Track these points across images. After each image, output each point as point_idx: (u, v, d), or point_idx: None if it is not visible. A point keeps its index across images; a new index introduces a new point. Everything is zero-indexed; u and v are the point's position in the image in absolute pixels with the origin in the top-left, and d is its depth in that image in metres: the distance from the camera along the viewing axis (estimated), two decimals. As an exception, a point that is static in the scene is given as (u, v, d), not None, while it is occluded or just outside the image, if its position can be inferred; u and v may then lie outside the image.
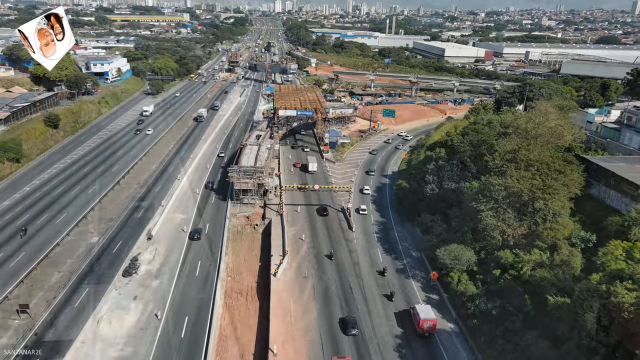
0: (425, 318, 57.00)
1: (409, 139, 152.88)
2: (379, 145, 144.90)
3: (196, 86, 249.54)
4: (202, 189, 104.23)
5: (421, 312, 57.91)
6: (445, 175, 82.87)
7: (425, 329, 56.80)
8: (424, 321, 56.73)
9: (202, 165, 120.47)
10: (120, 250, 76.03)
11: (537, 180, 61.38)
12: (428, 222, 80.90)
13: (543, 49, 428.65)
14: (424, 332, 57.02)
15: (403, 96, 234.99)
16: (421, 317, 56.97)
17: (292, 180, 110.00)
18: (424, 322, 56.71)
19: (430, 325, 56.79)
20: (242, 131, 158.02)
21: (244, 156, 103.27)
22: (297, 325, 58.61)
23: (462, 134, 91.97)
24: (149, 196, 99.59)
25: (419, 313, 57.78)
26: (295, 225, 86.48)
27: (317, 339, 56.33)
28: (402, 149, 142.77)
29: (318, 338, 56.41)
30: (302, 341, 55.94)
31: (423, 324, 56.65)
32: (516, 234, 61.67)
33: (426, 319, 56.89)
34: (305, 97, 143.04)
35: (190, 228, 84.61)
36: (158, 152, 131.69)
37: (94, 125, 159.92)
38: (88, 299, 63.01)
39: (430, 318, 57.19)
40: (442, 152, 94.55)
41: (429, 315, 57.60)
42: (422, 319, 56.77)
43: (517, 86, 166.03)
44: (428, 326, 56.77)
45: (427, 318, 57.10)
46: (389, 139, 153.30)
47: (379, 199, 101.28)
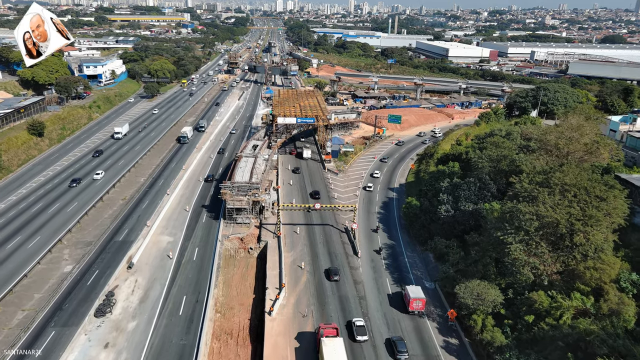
0: (415, 297, 60.94)
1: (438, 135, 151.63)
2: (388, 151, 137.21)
3: (182, 97, 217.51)
4: (193, 206, 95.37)
5: (411, 292, 61.96)
6: (461, 195, 73.91)
7: (414, 308, 61.16)
8: (413, 300, 60.84)
9: (194, 177, 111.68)
10: (95, 283, 67.24)
11: (575, 209, 52.42)
12: (442, 248, 72.00)
13: (548, 49, 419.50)
14: (413, 311, 61.41)
15: (407, 99, 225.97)
16: (411, 297, 61.03)
17: (291, 195, 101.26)
18: (414, 300, 60.84)
19: (418, 304, 60.99)
20: (239, 138, 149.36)
21: (238, 170, 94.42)
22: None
23: (479, 148, 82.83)
24: (134, 214, 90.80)
25: (409, 293, 61.93)
26: (294, 250, 77.67)
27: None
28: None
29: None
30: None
31: (412, 302, 60.88)
32: (551, 272, 52.74)
33: (416, 298, 60.87)
34: (305, 103, 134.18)
35: (177, 253, 75.89)
36: (147, 163, 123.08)
37: (83, 132, 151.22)
38: (52, 347, 54.25)
39: (420, 297, 61.13)
40: (456, 166, 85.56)
41: (419, 295, 61.45)
42: (412, 298, 60.87)
43: (530, 90, 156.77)
44: (417, 305, 61.03)
45: (417, 297, 61.00)
46: (401, 141, 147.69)
47: (386, 216, 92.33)
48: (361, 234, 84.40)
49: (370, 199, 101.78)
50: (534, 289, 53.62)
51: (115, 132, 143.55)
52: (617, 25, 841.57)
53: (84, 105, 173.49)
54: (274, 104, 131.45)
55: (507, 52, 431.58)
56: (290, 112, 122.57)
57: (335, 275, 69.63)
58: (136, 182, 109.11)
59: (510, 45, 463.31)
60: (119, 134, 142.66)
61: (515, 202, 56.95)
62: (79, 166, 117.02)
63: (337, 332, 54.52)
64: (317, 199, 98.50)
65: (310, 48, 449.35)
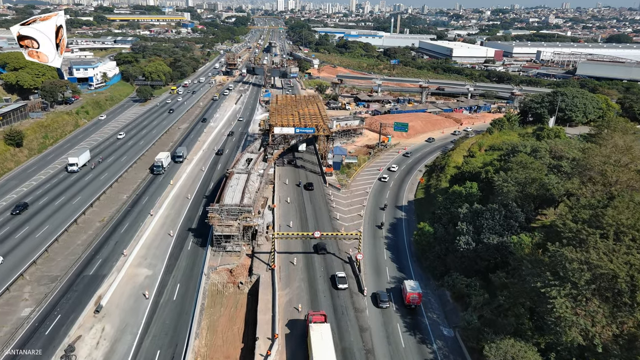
0: (412, 291, 62.89)
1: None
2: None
3: (158, 114, 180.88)
4: (178, 230, 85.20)
5: (408, 286, 63.92)
6: (484, 225, 63.65)
7: (410, 301, 62.66)
8: (410, 294, 62.67)
9: (182, 194, 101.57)
10: (55, 332, 57.10)
11: (636, 257, 42.22)
12: (462, 288, 61.79)
13: (554, 49, 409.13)
14: (410, 304, 62.83)
15: (412, 102, 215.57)
16: (408, 290, 63.06)
17: (288, 215, 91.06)
18: (410, 294, 62.64)
19: (415, 297, 62.68)
20: (233, 147, 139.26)
21: (228, 190, 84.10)
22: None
23: (502, 168, 72.40)
24: (111, 240, 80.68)
25: (407, 287, 63.89)
26: (290, 287, 67.49)
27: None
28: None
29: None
30: None
31: (409, 296, 62.58)
32: (606, 336, 42.51)
33: (412, 292, 62.76)
34: (305, 110, 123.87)
35: (154, 291, 65.79)
36: (132, 177, 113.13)
37: (68, 141, 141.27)
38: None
39: (416, 291, 63.07)
40: (474, 187, 75.22)
41: (414, 289, 63.40)
42: (409, 292, 62.80)
43: (546, 95, 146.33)
44: (413, 298, 62.65)
45: (413, 291, 62.95)
46: (408, 152, 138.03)
47: (395, 242, 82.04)
48: (367, 266, 74.22)
49: (377, 220, 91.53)
50: (583, 355, 43.42)
51: (68, 164, 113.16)
52: (621, 24, 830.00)
53: (71, 111, 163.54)
54: (271, 111, 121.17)
55: (512, 52, 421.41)
56: (288, 121, 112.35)
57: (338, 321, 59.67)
58: (118, 199, 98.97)
59: (516, 44, 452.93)
60: (73, 165, 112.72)
61: (558, 245, 46.65)
62: (57, 180, 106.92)
63: (325, 318, 56.79)
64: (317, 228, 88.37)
65: (311, 48, 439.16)
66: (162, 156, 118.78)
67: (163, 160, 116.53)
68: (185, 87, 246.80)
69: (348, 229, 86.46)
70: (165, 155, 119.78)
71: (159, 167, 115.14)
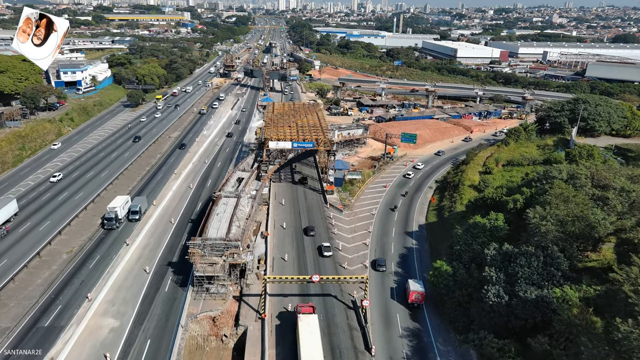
0: (414, 290, 63.63)
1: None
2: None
3: (125, 139, 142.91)
4: (156, 265, 73.98)
5: (411, 285, 64.88)
6: (518, 274, 52.28)
7: (413, 300, 63.52)
8: (412, 292, 63.39)
9: (165, 217, 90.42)
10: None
11: None
12: (493, 352, 50.43)
13: (561, 49, 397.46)
14: (412, 303, 63.70)
15: (418, 107, 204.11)
16: (411, 289, 63.81)
17: (283, 245, 79.85)
18: (413, 293, 63.40)
19: (418, 296, 63.42)
20: (227, 159, 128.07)
21: (213, 219, 72.77)
22: None
23: (540, 203, 60.72)
24: (76, 278, 69.40)
25: (410, 286, 64.94)
26: (283, 344, 56.17)
27: None
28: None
29: None
30: None
31: (412, 295, 63.34)
32: None
33: (415, 291, 63.52)
34: (304, 121, 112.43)
35: (119, 351, 54.57)
36: (111, 196, 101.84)
37: (47, 152, 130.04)
38: None
39: (419, 290, 63.73)
40: (500, 220, 63.77)
41: (417, 288, 64.00)
42: (412, 291, 63.55)
43: (566, 102, 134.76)
44: (416, 297, 63.41)
45: (416, 290, 63.66)
46: (418, 164, 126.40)
47: (406, 280, 70.56)
48: (374, 312, 62.99)
49: (385, 250, 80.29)
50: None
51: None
52: (626, 23, 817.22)
53: (54, 119, 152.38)
54: (266, 122, 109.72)
55: (517, 53, 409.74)
56: (285, 134, 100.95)
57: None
58: (92, 224, 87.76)
59: (521, 45, 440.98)
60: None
61: (632, 324, 35.30)
62: (26, 201, 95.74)
63: (314, 310, 57.89)
64: (323, 256, 77.11)
65: (312, 48, 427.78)
66: (118, 203, 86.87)
67: (118, 210, 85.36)
68: (174, 95, 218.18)
69: (352, 263, 75.30)
70: (122, 202, 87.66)
71: (111, 220, 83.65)
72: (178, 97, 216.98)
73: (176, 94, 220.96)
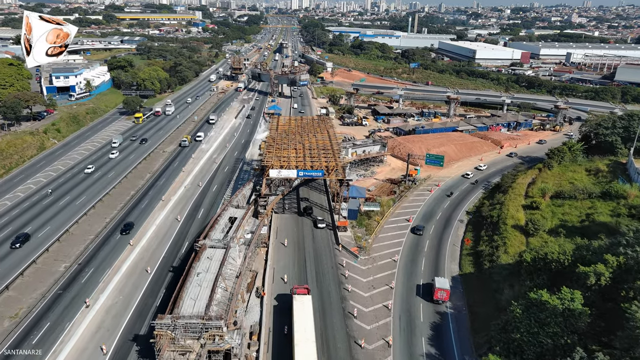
0: (440, 287, 64.29)
1: None
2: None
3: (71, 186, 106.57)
4: (119, 336, 57.64)
5: (437, 282, 65.57)
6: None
7: (438, 297, 64.27)
8: (438, 290, 64.11)
9: (140, 264, 74.21)
10: None
11: None
12: None
13: (585, 50, 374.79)
14: (437, 300, 64.71)
15: (439, 116, 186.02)
16: (437, 286, 64.54)
17: (285, 307, 63.09)
18: (438, 290, 64.08)
19: (443, 294, 64.17)
20: (224, 181, 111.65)
21: (191, 284, 56.11)
22: None
23: (628, 271, 43.20)
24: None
25: (436, 283, 65.54)
26: None
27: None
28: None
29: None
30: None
31: (437, 292, 64.05)
32: None
33: (440, 288, 64.19)
34: (312, 141, 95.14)
35: None
36: (83, 230, 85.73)
37: (23, 171, 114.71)
38: None
39: (444, 287, 64.44)
40: (577, 300, 46.36)
41: (444, 286, 64.82)
42: (437, 288, 64.25)
43: (618, 118, 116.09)
44: (441, 295, 64.12)
45: (441, 287, 64.34)
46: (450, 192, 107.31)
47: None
48: None
49: (411, 316, 63.18)
50: None
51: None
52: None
53: (37, 131, 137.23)
54: (267, 143, 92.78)
55: (539, 54, 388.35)
56: (289, 158, 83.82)
57: None
58: (52, 272, 71.72)
59: (542, 45, 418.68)
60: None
61: None
62: None
63: (308, 291, 60.94)
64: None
65: (324, 49, 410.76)
66: None
67: None
68: (157, 115, 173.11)
69: (370, 338, 58.33)
70: None
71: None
72: (167, 114, 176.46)
73: (159, 114, 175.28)
